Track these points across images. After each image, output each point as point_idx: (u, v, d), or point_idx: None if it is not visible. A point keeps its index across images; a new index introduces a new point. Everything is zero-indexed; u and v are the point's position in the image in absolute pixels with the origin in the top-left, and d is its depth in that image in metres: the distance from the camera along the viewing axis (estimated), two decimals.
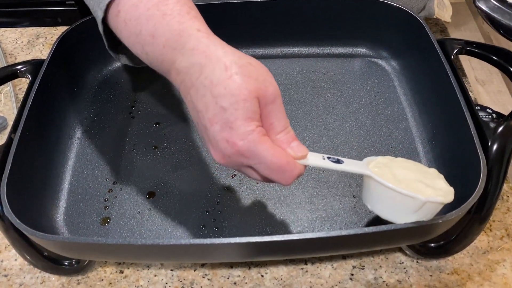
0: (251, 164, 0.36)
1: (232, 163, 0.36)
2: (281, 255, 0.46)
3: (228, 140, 0.34)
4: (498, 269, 0.48)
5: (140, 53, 0.40)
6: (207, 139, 0.37)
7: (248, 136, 0.34)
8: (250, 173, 0.37)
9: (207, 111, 0.35)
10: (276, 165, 0.35)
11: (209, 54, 0.35)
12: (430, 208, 0.39)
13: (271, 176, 0.36)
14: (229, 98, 0.34)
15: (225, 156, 0.36)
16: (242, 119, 0.34)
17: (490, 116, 0.51)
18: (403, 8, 0.60)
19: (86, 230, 0.49)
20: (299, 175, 0.37)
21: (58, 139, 0.56)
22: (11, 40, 0.75)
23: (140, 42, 0.39)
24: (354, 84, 0.63)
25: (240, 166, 0.37)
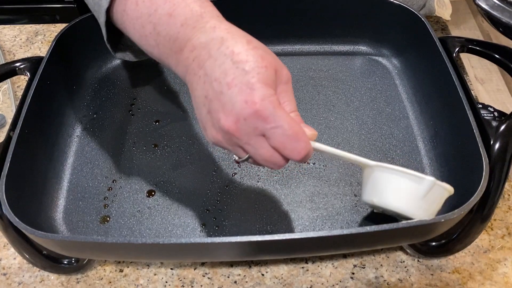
0: (266, 129, 0.35)
1: (244, 129, 0.35)
2: (282, 254, 0.46)
3: (247, 100, 0.34)
4: (499, 268, 0.48)
5: (149, 33, 0.39)
6: (217, 107, 0.35)
7: (268, 97, 0.34)
8: (259, 145, 0.36)
9: (225, 77, 0.34)
10: (292, 131, 0.35)
11: (231, 31, 0.36)
12: (435, 196, 0.39)
13: (285, 144, 0.35)
14: (251, 64, 0.34)
15: (239, 119, 0.34)
16: (263, 82, 0.34)
17: (492, 114, 0.51)
18: (404, 5, 0.59)
19: (86, 229, 0.49)
20: (309, 152, 0.36)
21: (57, 137, 0.55)
22: (9, 37, 0.75)
23: (153, 21, 0.39)
24: (355, 82, 0.62)
25: (251, 133, 0.35)
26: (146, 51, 0.42)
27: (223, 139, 0.37)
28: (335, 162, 0.54)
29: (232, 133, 0.35)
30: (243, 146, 0.36)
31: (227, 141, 0.37)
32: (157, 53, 0.40)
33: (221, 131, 0.36)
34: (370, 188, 0.42)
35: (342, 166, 0.54)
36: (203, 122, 0.38)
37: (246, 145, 0.36)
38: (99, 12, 0.44)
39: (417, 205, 0.39)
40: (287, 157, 0.36)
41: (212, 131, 0.37)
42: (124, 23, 0.42)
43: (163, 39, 0.39)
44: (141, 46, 0.42)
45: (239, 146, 0.37)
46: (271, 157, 0.36)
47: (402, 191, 0.40)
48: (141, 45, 0.41)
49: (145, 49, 0.42)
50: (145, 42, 0.41)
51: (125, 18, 0.41)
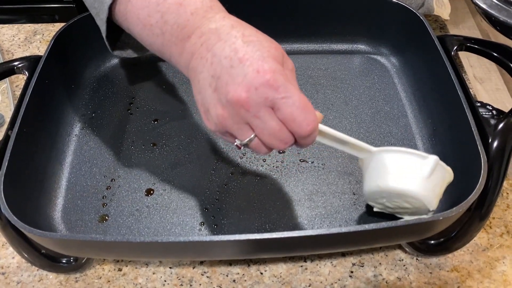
0: (276, 99, 0.34)
1: (254, 99, 0.34)
2: (281, 252, 0.46)
3: (259, 70, 0.34)
4: (498, 266, 0.48)
5: (155, 22, 0.40)
6: (226, 81, 0.35)
7: (279, 70, 0.35)
8: (268, 118, 0.35)
9: (236, 53, 0.35)
10: (303, 102, 0.35)
11: (240, 21, 0.38)
12: (438, 177, 0.39)
13: (295, 115, 0.35)
14: (262, 43, 0.36)
15: (250, 89, 0.34)
16: (274, 59, 0.35)
17: (490, 113, 0.51)
18: (403, 4, 0.59)
19: (84, 228, 0.49)
20: (316, 128, 0.36)
21: (56, 136, 0.55)
22: (8, 36, 0.74)
23: (161, 10, 0.39)
24: (353, 81, 0.62)
25: (261, 104, 0.35)
26: (147, 41, 0.42)
27: (229, 115, 0.36)
28: (333, 160, 0.54)
29: (242, 103, 0.35)
30: (250, 120, 0.36)
31: (234, 117, 0.36)
32: (160, 42, 0.40)
33: (229, 105, 0.35)
34: (373, 173, 0.41)
35: (340, 164, 0.54)
36: (206, 104, 0.37)
37: (254, 118, 0.35)
38: (100, 8, 0.44)
39: (422, 184, 0.39)
40: (295, 130, 0.35)
41: (218, 109, 0.36)
42: (127, 14, 0.42)
43: (170, 27, 0.39)
44: (141, 37, 0.42)
45: (245, 123, 0.36)
46: (279, 131, 0.36)
47: (407, 170, 0.39)
48: (143, 35, 0.42)
49: (146, 40, 0.42)
50: (148, 32, 0.41)
51: (129, 8, 0.41)
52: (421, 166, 0.40)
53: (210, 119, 0.37)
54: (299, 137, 0.36)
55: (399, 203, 0.43)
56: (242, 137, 0.37)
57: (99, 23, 0.46)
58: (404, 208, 0.44)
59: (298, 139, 0.37)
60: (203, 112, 0.38)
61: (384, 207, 0.46)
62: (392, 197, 0.42)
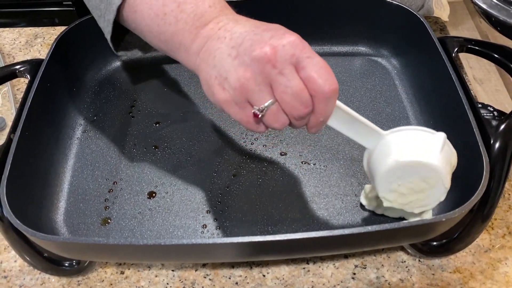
0: (302, 58, 0.35)
1: (282, 55, 0.35)
2: (283, 254, 0.46)
3: (284, 33, 0.35)
4: (500, 268, 0.48)
5: (170, 11, 0.41)
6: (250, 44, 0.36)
7: (297, 38, 0.35)
8: (292, 76, 0.35)
9: (256, 28, 0.37)
10: (326, 64, 0.35)
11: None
12: (447, 155, 0.41)
13: (320, 73, 0.35)
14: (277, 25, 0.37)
15: (278, 46, 0.35)
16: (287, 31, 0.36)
17: (492, 114, 0.51)
18: (403, 6, 0.60)
19: (87, 231, 0.49)
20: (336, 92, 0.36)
21: (58, 139, 0.55)
22: (9, 40, 0.75)
23: (178, 1, 0.40)
24: (354, 83, 0.63)
25: (288, 60, 0.35)
26: (156, 32, 0.42)
27: (252, 75, 0.35)
28: (335, 162, 0.54)
29: (269, 58, 0.35)
30: (274, 78, 0.35)
31: (257, 76, 0.35)
32: (171, 31, 0.41)
33: (254, 63, 0.35)
34: (388, 152, 0.41)
35: (342, 166, 0.54)
36: (223, 73, 0.37)
37: (279, 76, 0.35)
38: (106, 9, 0.44)
39: (438, 157, 0.39)
40: (317, 91, 0.35)
41: (239, 72, 0.36)
42: (137, 6, 0.42)
43: (187, 16, 0.40)
44: (149, 28, 0.42)
45: (268, 84, 0.36)
46: (302, 91, 0.35)
47: (422, 145, 0.40)
48: (153, 26, 0.42)
49: (156, 31, 0.42)
50: (160, 22, 0.41)
51: (140, 7, 0.42)
52: (432, 141, 0.41)
53: (227, 87, 0.37)
54: (319, 101, 0.36)
55: (414, 184, 0.42)
56: (262, 101, 0.36)
57: (104, 25, 0.46)
58: (418, 191, 0.42)
59: (318, 104, 0.36)
60: (217, 84, 0.37)
61: (395, 199, 0.44)
62: (409, 175, 0.41)
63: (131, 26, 0.44)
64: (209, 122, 0.59)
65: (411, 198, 0.44)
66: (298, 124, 0.38)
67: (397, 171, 0.41)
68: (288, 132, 0.57)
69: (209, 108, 0.60)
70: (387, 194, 0.43)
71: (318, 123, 0.38)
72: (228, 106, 0.37)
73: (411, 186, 0.42)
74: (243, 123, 0.38)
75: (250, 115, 0.37)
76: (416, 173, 0.41)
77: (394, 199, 0.44)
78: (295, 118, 0.37)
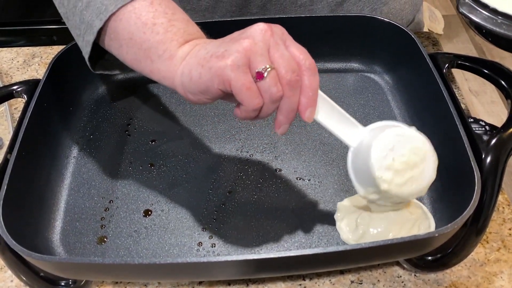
0: (287, 38, 0.41)
1: (275, 31, 0.40)
2: (279, 271, 0.46)
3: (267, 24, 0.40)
4: (496, 281, 0.48)
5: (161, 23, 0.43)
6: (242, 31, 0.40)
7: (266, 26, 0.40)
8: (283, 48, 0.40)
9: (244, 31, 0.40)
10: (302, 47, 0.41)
11: None
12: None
13: (300, 51, 0.40)
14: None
15: (270, 25, 0.40)
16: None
17: (483, 128, 0.52)
18: (394, 23, 0.61)
19: (83, 250, 0.49)
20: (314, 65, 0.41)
21: (54, 158, 0.56)
22: (6, 59, 0.75)
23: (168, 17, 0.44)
24: (348, 99, 0.63)
25: (280, 35, 0.40)
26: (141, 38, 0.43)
27: (254, 41, 0.39)
28: (330, 178, 0.55)
29: (267, 28, 0.39)
30: (273, 45, 0.39)
31: (258, 43, 0.39)
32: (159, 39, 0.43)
33: (255, 33, 0.39)
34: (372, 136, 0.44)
35: (337, 182, 0.54)
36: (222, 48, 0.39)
37: (276, 44, 0.39)
38: (86, 31, 0.45)
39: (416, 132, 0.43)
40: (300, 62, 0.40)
41: (242, 41, 0.39)
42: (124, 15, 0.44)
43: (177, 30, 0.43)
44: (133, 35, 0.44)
45: (267, 50, 0.39)
46: (292, 60, 0.39)
47: None
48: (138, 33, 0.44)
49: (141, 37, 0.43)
50: (147, 30, 0.43)
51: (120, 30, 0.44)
52: None
53: (228, 54, 0.38)
54: (303, 72, 0.40)
55: (407, 157, 0.43)
56: (265, 62, 0.39)
57: (82, 44, 0.47)
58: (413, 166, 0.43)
59: (303, 76, 0.40)
60: (215, 57, 0.39)
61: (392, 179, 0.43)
62: (400, 147, 0.43)
63: (109, 37, 0.45)
64: (204, 139, 0.59)
65: (407, 176, 0.43)
66: (292, 96, 0.40)
67: (388, 144, 0.43)
68: (283, 148, 0.58)
69: (205, 125, 0.61)
70: (383, 173, 0.43)
71: (309, 99, 0.40)
72: (230, 70, 0.38)
73: (404, 159, 0.43)
74: (243, 90, 0.39)
75: (250, 80, 0.39)
76: (405, 145, 0.43)
77: (391, 179, 0.43)
78: (290, 85, 0.39)
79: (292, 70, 0.39)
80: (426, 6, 0.94)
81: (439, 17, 1.67)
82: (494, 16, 0.49)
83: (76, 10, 0.46)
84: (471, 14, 0.50)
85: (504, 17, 0.48)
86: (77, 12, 0.46)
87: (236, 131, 0.60)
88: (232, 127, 0.60)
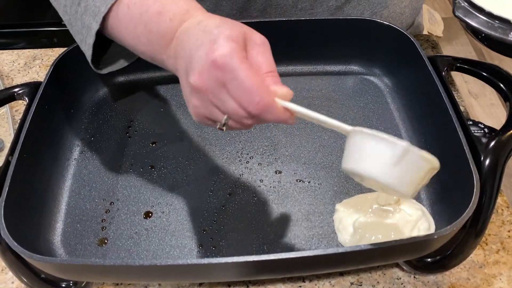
0: (225, 80, 0.36)
1: (208, 82, 0.37)
2: (279, 273, 0.46)
3: (207, 52, 0.36)
4: (495, 283, 0.48)
5: (141, 33, 0.43)
6: (188, 71, 0.38)
7: (230, 50, 0.36)
8: (225, 98, 0.37)
9: (196, 42, 0.38)
10: (250, 83, 0.35)
11: (209, 15, 0.41)
12: (410, 165, 0.36)
13: (241, 96, 0.36)
14: (219, 29, 0.38)
15: (203, 72, 0.36)
16: (224, 37, 0.36)
17: (482, 131, 0.52)
18: (393, 26, 0.61)
19: (84, 251, 0.49)
20: (269, 106, 0.36)
21: (55, 160, 0.56)
22: (7, 62, 0.76)
23: (144, 21, 0.42)
24: (347, 101, 0.64)
25: (215, 85, 0.36)
26: (139, 51, 0.45)
27: (197, 101, 0.38)
28: (330, 180, 0.55)
29: (199, 88, 0.37)
30: (214, 102, 0.38)
31: (201, 101, 0.38)
32: (150, 51, 0.43)
33: (194, 91, 0.38)
34: (348, 154, 0.39)
35: (337, 184, 0.54)
36: (185, 97, 0.40)
37: (215, 99, 0.37)
38: (87, 34, 0.46)
39: (389, 171, 0.36)
40: (247, 110, 0.36)
41: (190, 99, 0.39)
42: (118, 27, 0.45)
43: (154, 36, 0.42)
44: (133, 47, 0.45)
45: (214, 105, 0.38)
46: (237, 112, 0.37)
47: (375, 156, 0.37)
48: (134, 45, 0.44)
49: (138, 49, 0.44)
50: (137, 42, 0.44)
51: (116, 23, 0.44)
52: (390, 152, 0.36)
53: (191, 110, 0.40)
54: (253, 116, 0.37)
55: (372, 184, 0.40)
56: (218, 119, 0.39)
57: (85, 48, 0.48)
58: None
59: (258, 117, 0.37)
60: (187, 106, 0.40)
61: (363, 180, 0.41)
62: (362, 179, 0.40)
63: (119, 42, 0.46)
64: (205, 141, 0.59)
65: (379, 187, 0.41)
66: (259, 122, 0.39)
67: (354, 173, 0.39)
68: (283, 150, 0.58)
69: (205, 127, 0.61)
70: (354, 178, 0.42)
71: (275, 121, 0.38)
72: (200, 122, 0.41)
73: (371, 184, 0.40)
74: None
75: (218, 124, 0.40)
76: (364, 180, 0.40)
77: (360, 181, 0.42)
78: (251, 124, 0.38)
79: (238, 121, 0.38)
80: (425, 9, 0.95)
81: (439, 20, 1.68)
82: (489, 19, 0.49)
83: (77, 15, 0.47)
84: (466, 18, 0.50)
85: (499, 20, 0.48)
86: (78, 17, 0.47)
87: (236, 133, 0.60)
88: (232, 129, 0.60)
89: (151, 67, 0.66)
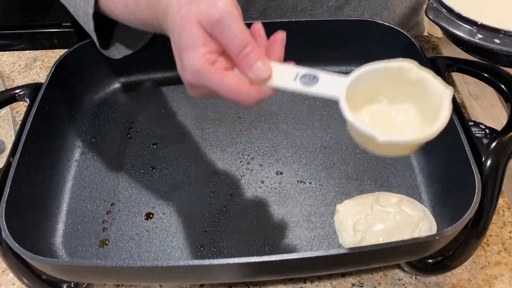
0: (210, 90, 0.37)
1: (197, 92, 0.38)
2: (280, 274, 0.46)
3: (182, 73, 0.38)
4: (496, 284, 0.48)
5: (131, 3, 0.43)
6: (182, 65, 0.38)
7: (193, 67, 0.36)
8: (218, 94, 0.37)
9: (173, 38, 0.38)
10: (229, 92, 0.36)
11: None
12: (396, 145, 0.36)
13: (230, 99, 0.36)
14: (176, 31, 0.36)
15: (188, 86, 0.38)
16: (186, 49, 0.36)
17: (483, 132, 0.52)
18: (394, 27, 0.61)
19: (85, 253, 0.49)
20: (261, 97, 0.36)
21: (56, 161, 0.56)
22: (8, 63, 0.76)
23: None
24: None
25: (204, 93, 0.38)
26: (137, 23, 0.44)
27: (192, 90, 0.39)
28: (331, 181, 0.55)
29: (192, 83, 0.38)
30: (208, 94, 0.38)
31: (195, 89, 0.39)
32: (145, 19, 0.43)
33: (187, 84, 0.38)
34: None
35: (338, 185, 0.54)
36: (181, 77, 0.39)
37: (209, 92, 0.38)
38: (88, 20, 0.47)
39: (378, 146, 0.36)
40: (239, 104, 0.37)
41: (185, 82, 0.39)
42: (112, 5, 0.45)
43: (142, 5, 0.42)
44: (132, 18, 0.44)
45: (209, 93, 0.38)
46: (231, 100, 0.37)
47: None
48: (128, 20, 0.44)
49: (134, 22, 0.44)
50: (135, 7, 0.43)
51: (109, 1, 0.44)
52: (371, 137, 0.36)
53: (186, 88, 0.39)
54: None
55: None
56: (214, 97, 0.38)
57: (93, 35, 0.49)
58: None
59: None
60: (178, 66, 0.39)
61: None
62: None
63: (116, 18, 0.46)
64: (206, 142, 0.59)
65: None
66: None
67: None
68: (284, 151, 0.58)
69: (206, 128, 0.61)
70: None
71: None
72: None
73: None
74: None
75: None
76: None
77: None
78: None
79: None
80: None
81: None
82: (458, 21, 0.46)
83: (77, 5, 0.48)
84: (437, 19, 0.48)
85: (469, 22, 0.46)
86: (78, 6, 0.48)
87: (237, 134, 0.60)
88: (233, 130, 0.60)
89: (152, 68, 0.67)
